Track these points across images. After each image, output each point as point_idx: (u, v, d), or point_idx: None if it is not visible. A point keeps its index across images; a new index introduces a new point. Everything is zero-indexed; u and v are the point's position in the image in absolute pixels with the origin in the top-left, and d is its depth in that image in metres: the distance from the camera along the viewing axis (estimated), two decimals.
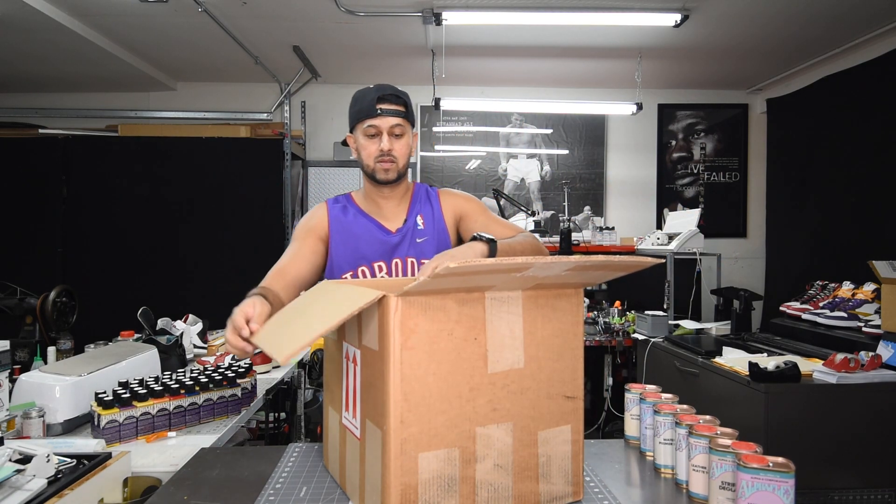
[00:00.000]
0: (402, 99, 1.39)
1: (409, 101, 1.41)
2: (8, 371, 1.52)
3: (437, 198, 1.52)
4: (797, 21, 3.22)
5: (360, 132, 1.39)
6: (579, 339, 0.94)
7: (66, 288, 2.36)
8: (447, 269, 0.69)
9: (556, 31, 3.42)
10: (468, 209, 1.51)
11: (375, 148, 1.37)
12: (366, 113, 1.36)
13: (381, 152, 1.37)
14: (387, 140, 1.36)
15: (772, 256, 4.34)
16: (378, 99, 1.35)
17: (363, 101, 1.37)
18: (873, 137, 3.32)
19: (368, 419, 0.85)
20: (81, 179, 4.04)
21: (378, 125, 1.36)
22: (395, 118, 1.36)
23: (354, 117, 1.40)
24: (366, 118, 1.36)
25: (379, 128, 1.36)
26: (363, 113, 1.37)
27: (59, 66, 3.81)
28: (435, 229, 1.46)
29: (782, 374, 2.00)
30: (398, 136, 1.38)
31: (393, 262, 1.42)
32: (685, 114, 4.66)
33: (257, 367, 2.09)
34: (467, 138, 4.61)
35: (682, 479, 0.99)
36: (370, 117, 1.36)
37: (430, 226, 1.46)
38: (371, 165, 1.39)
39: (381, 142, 1.36)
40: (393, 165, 1.39)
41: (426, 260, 1.42)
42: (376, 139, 1.37)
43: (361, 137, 1.39)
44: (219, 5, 3.04)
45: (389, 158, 1.38)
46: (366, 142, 1.38)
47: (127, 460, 1.20)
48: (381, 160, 1.38)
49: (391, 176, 1.40)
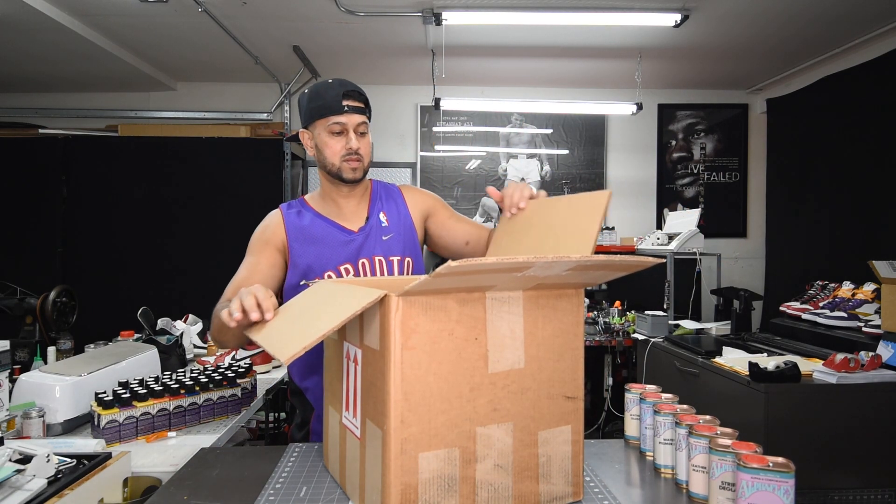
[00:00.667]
0: (363, 96, 1.35)
1: (367, 99, 1.38)
2: (8, 371, 1.52)
3: (401, 194, 1.48)
4: (797, 21, 3.22)
5: (321, 129, 1.33)
6: (580, 339, 0.94)
7: (66, 288, 2.36)
8: (448, 267, 0.69)
9: (556, 31, 3.42)
10: (435, 206, 1.49)
11: (341, 146, 1.33)
12: (331, 109, 1.31)
13: (348, 150, 1.32)
14: (354, 138, 1.33)
15: (772, 256, 4.34)
16: (344, 95, 1.31)
17: (326, 97, 1.32)
18: (873, 137, 3.32)
19: (369, 419, 0.85)
20: (81, 179, 4.04)
21: (344, 122, 1.31)
22: (360, 115, 1.33)
23: (315, 113, 1.33)
24: (330, 114, 1.31)
25: (345, 125, 1.32)
26: (327, 109, 1.31)
27: (59, 66, 3.81)
28: (401, 225, 1.43)
29: (782, 374, 2.00)
30: (362, 133, 1.35)
31: (360, 263, 1.37)
32: (685, 114, 4.66)
33: (257, 367, 2.09)
34: (467, 138, 4.61)
35: (682, 479, 0.99)
36: (336, 114, 1.31)
37: (394, 222, 1.43)
38: (336, 164, 1.34)
39: (348, 140, 1.32)
40: (359, 164, 1.35)
41: (394, 257, 1.40)
42: (341, 137, 1.33)
43: (324, 134, 1.33)
44: (219, 5, 3.04)
45: (357, 157, 1.34)
46: (329, 139, 1.33)
47: (127, 460, 1.20)
48: (349, 159, 1.33)
49: (358, 175, 1.36)
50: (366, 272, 1.37)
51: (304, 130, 1.39)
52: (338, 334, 0.99)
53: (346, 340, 0.95)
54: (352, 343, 0.93)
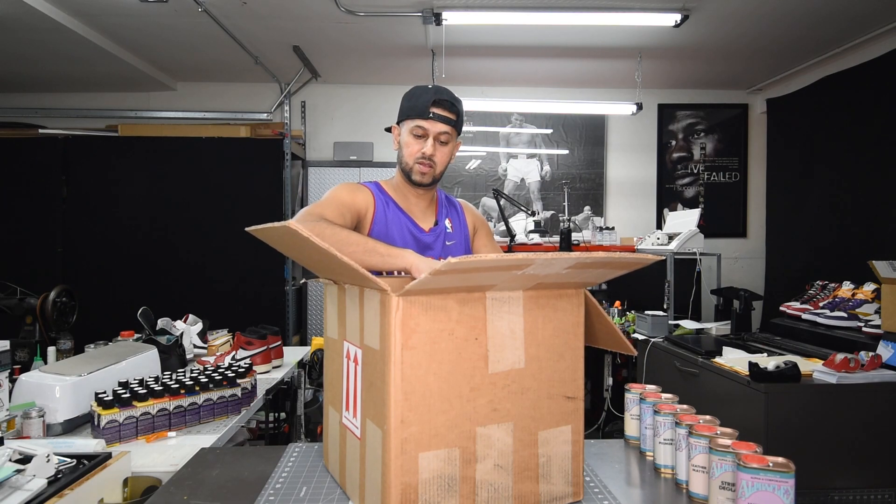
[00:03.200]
0: (455, 107, 1.39)
1: (461, 109, 1.41)
2: (8, 371, 1.52)
3: (461, 207, 1.58)
4: (797, 21, 3.23)
5: (406, 128, 1.40)
6: (580, 339, 0.94)
7: (66, 288, 2.36)
8: (448, 264, 0.69)
9: (556, 31, 3.42)
10: (482, 228, 1.58)
11: (418, 149, 1.38)
12: (417, 112, 1.37)
13: (422, 155, 1.38)
14: (431, 145, 1.37)
15: (772, 256, 4.34)
16: (434, 102, 1.36)
17: (418, 100, 1.37)
18: (873, 137, 3.32)
19: (369, 419, 0.85)
20: (81, 179, 4.04)
21: (427, 128, 1.37)
22: (444, 125, 1.38)
23: (405, 113, 1.40)
24: (417, 117, 1.37)
25: (427, 131, 1.37)
26: (415, 112, 1.37)
27: (59, 66, 3.81)
28: (461, 235, 1.51)
29: (782, 374, 2.00)
30: (443, 143, 1.40)
31: None
32: (685, 114, 4.67)
33: (257, 367, 2.09)
34: (467, 138, 4.61)
35: (682, 479, 0.99)
36: (421, 118, 1.36)
37: (457, 231, 1.51)
38: (409, 164, 1.40)
39: (425, 145, 1.37)
40: (430, 171, 1.40)
41: None
42: (421, 140, 1.38)
43: (407, 134, 1.40)
44: (219, 5, 3.04)
45: (429, 163, 1.39)
46: (410, 140, 1.39)
47: (127, 460, 1.20)
48: (421, 162, 1.39)
49: (426, 180, 1.41)
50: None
51: (396, 126, 1.46)
52: (338, 334, 0.99)
53: (346, 340, 0.95)
54: (352, 343, 0.93)
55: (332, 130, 4.57)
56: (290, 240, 0.87)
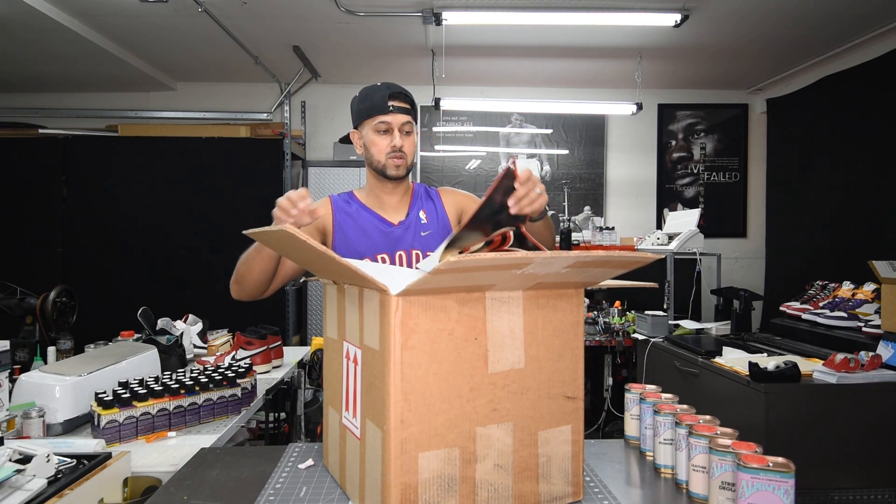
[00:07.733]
0: (409, 98, 1.45)
1: (414, 100, 1.47)
2: (8, 371, 1.52)
3: (438, 195, 1.57)
4: (797, 21, 3.23)
5: (368, 128, 1.43)
6: (580, 339, 0.94)
7: (66, 288, 2.36)
8: (448, 263, 0.69)
9: (555, 31, 3.42)
10: (469, 205, 1.56)
11: (387, 144, 1.42)
12: (377, 109, 1.40)
13: (392, 148, 1.41)
14: (399, 136, 1.41)
15: (772, 256, 4.34)
16: (390, 96, 1.40)
17: (373, 98, 1.41)
18: (873, 137, 3.32)
19: (368, 419, 0.85)
20: (81, 179, 4.04)
21: (390, 122, 1.41)
22: (405, 115, 1.42)
23: (364, 113, 1.43)
24: (377, 114, 1.41)
25: (390, 124, 1.41)
26: (374, 109, 1.41)
27: (59, 66, 3.81)
28: (439, 224, 1.51)
29: (782, 374, 2.00)
30: (407, 133, 1.44)
31: (396, 255, 1.45)
32: (685, 114, 4.66)
33: (257, 367, 2.09)
34: (467, 138, 4.61)
35: (682, 479, 0.99)
36: (382, 114, 1.40)
37: (433, 221, 1.51)
38: (382, 161, 1.43)
39: (392, 138, 1.41)
40: (403, 161, 1.44)
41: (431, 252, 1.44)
42: (387, 135, 1.42)
43: (371, 133, 1.43)
44: (219, 5, 3.04)
45: (400, 154, 1.42)
46: (376, 138, 1.42)
47: (127, 460, 1.20)
48: (393, 156, 1.42)
49: (401, 172, 1.44)
50: (402, 263, 1.45)
51: (355, 131, 1.49)
52: (338, 334, 0.99)
53: (345, 340, 0.95)
54: (351, 343, 0.93)
55: (332, 130, 4.57)
56: (288, 243, 0.87)
